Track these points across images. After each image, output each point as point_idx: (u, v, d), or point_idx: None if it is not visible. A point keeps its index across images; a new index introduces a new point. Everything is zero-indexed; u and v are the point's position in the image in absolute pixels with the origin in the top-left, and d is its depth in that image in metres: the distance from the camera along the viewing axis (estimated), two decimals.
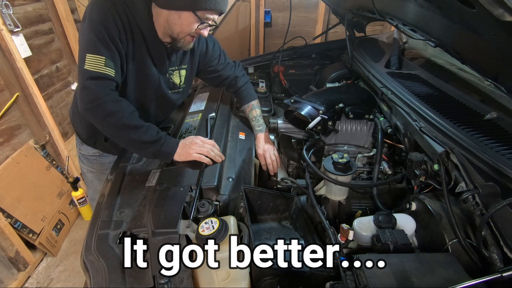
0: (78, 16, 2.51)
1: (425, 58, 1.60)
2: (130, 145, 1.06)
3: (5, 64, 1.80)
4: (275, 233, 0.98)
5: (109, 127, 1.02)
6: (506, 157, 0.79)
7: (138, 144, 1.03)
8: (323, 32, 2.90)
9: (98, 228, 0.87)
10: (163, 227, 0.81)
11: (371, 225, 0.82)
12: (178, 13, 0.99)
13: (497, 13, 0.62)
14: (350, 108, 1.24)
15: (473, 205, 0.73)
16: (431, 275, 0.65)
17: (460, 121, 0.97)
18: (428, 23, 1.04)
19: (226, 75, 1.34)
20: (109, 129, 1.03)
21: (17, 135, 1.95)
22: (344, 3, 1.78)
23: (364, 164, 1.29)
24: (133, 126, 1.01)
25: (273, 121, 1.32)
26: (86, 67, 0.95)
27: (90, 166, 1.38)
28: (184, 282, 0.70)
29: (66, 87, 2.44)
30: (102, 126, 1.03)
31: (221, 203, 0.98)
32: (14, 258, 1.82)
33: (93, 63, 0.95)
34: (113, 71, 0.98)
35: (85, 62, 0.95)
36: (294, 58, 2.08)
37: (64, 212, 2.24)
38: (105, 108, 0.98)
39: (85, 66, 0.95)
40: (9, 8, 1.74)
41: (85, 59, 0.95)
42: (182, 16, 0.99)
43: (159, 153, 1.05)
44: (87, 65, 0.95)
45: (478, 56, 0.90)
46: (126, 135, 1.02)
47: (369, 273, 0.65)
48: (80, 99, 0.99)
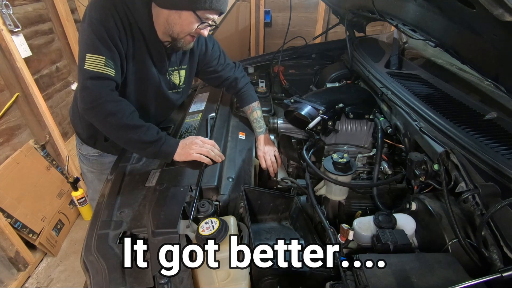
0: (78, 16, 2.51)
1: (425, 58, 1.60)
2: (130, 145, 1.06)
3: (5, 64, 1.80)
4: (275, 233, 0.98)
5: (109, 127, 1.02)
6: (506, 157, 0.79)
7: (138, 144, 1.03)
8: (323, 32, 2.90)
9: (98, 228, 0.87)
10: (163, 227, 0.81)
11: (371, 225, 0.82)
12: (178, 13, 0.99)
13: (497, 13, 0.62)
14: (350, 108, 1.24)
15: (473, 205, 0.73)
16: (431, 275, 0.65)
17: (460, 121, 0.97)
18: (428, 23, 1.04)
19: (226, 76, 1.34)
20: (109, 129, 1.03)
21: (17, 135, 1.95)
22: (344, 3, 1.78)
23: (364, 164, 1.29)
24: (133, 126, 1.01)
25: (273, 121, 1.33)
26: (86, 67, 0.95)
27: (90, 166, 1.38)
28: (184, 282, 0.70)
29: (66, 87, 2.44)
30: (102, 126, 1.03)
31: (221, 203, 0.98)
32: (14, 258, 1.82)
33: (93, 63, 0.95)
34: (113, 71, 0.98)
35: (85, 62, 0.95)
36: (294, 58, 2.08)
37: (64, 212, 2.24)
38: (105, 108, 0.98)
39: (85, 66, 0.95)
40: (9, 8, 1.74)
41: (85, 59, 0.95)
42: (182, 16, 0.99)
43: (159, 153, 1.05)
44: (87, 65, 0.95)
45: (478, 56, 0.90)
46: (126, 135, 1.02)
47: (369, 273, 0.65)
48: (80, 99, 0.99)
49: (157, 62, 1.13)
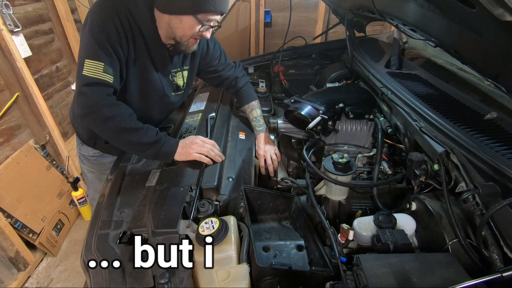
0: (78, 16, 2.51)
1: (425, 58, 1.60)
2: (130, 147, 1.06)
3: (5, 64, 1.80)
4: (275, 233, 0.98)
5: (108, 131, 1.02)
6: (506, 157, 0.79)
7: (137, 146, 1.03)
8: (323, 32, 2.90)
9: (98, 228, 0.87)
10: (163, 227, 0.81)
11: (371, 225, 0.82)
12: (179, 18, 0.99)
13: (497, 13, 0.62)
14: (350, 108, 1.24)
15: (473, 205, 0.73)
16: (431, 275, 0.65)
17: (460, 121, 0.97)
18: (428, 23, 1.04)
19: (226, 76, 1.34)
20: (108, 133, 1.03)
21: (17, 135, 1.95)
22: (344, 3, 1.78)
23: (364, 164, 1.29)
24: (132, 128, 1.01)
25: (273, 121, 1.33)
26: (84, 72, 0.94)
27: (91, 166, 1.38)
28: (184, 282, 0.70)
29: (66, 87, 2.44)
30: (100, 130, 1.03)
31: (221, 203, 0.98)
32: (14, 258, 1.82)
33: (91, 69, 0.94)
34: (112, 77, 0.98)
35: (84, 68, 0.94)
36: (294, 58, 2.08)
37: (64, 212, 2.24)
38: (102, 113, 0.97)
39: (83, 71, 0.94)
40: (9, 8, 1.74)
41: (84, 65, 0.94)
42: (183, 20, 0.99)
43: (159, 154, 1.05)
44: (86, 71, 0.94)
45: (478, 56, 0.90)
46: (125, 138, 1.02)
47: (369, 273, 0.65)
48: (77, 105, 0.99)
49: (159, 66, 1.13)
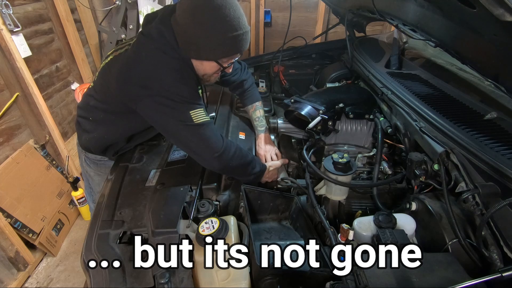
0: (78, 16, 2.51)
1: (425, 58, 1.60)
2: (241, 176, 1.09)
3: (5, 64, 1.80)
4: (275, 233, 0.98)
5: (234, 167, 1.04)
6: (506, 157, 0.79)
7: (251, 176, 1.08)
8: (323, 32, 2.90)
9: (99, 228, 0.87)
10: (163, 227, 0.81)
11: (371, 225, 0.82)
12: (200, 61, 1.00)
13: (498, 13, 0.62)
14: (350, 108, 1.24)
15: (473, 205, 0.73)
16: (431, 275, 0.65)
17: (460, 121, 0.97)
18: (428, 23, 1.04)
19: (233, 79, 1.36)
20: (234, 168, 1.04)
21: (17, 135, 1.95)
22: (344, 3, 1.78)
23: (364, 164, 1.29)
24: (249, 161, 1.07)
25: (273, 121, 1.33)
26: (196, 121, 0.96)
27: (98, 170, 1.37)
28: (184, 282, 0.70)
29: (66, 87, 2.44)
30: (228, 167, 1.03)
31: (221, 203, 0.98)
32: (14, 258, 1.82)
33: (199, 116, 0.97)
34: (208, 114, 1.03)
35: (193, 119, 0.96)
36: (294, 58, 2.08)
37: (64, 212, 2.24)
38: (230, 148, 1.02)
39: (195, 121, 0.96)
40: (9, 8, 1.74)
41: (192, 117, 0.95)
42: (204, 63, 1.00)
43: (259, 177, 1.13)
44: (196, 120, 0.96)
45: (478, 56, 0.90)
46: (245, 170, 1.06)
47: (369, 273, 0.65)
48: (208, 150, 0.98)
49: None
